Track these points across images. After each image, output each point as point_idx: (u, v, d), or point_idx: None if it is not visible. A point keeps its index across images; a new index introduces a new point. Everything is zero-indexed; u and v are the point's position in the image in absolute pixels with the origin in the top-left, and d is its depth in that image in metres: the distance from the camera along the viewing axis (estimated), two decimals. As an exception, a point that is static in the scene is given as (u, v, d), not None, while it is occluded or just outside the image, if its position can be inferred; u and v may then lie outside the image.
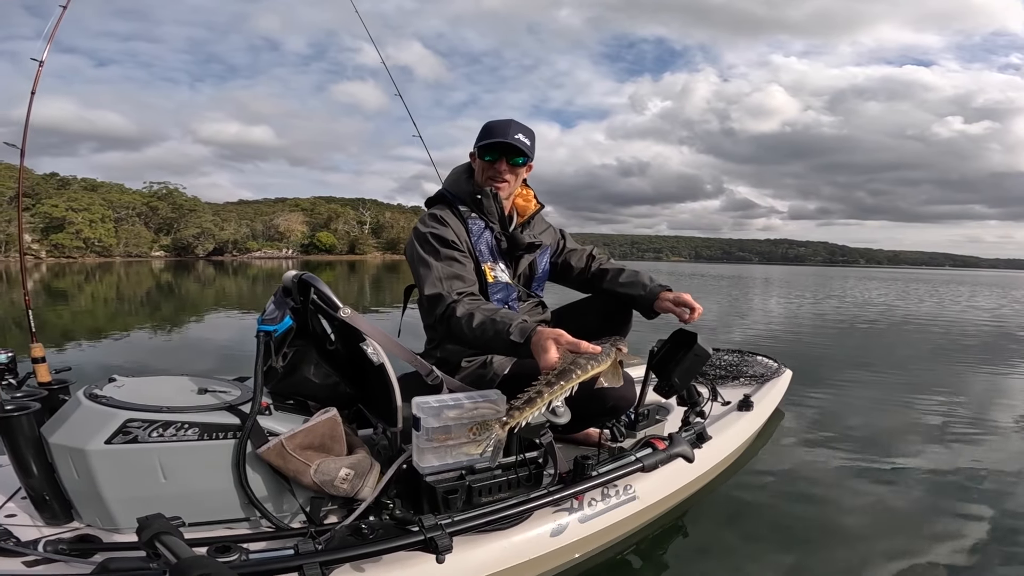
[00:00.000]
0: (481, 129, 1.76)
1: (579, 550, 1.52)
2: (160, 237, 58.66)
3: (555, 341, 1.30)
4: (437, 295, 1.55)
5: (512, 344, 1.38)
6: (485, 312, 1.46)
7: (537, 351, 1.31)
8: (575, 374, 1.24)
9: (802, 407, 3.23)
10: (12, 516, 1.28)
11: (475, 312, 1.47)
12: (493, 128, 1.71)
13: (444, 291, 1.55)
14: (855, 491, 2.12)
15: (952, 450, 2.59)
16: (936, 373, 4.56)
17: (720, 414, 2.29)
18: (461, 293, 1.54)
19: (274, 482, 1.33)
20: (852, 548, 1.71)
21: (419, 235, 1.67)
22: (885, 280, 31.11)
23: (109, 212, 52.31)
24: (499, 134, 1.69)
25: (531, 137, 1.73)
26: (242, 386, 1.51)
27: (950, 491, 2.13)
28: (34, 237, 46.05)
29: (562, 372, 1.23)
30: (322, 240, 75.13)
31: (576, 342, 1.29)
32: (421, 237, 1.66)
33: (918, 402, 3.49)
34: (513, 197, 1.82)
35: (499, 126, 1.71)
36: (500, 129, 1.70)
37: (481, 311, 1.47)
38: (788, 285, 21.08)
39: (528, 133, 1.72)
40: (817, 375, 4.18)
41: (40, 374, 1.75)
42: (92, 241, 48.90)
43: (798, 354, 5.29)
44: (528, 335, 1.36)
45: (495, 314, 1.45)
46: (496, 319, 1.43)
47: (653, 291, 1.79)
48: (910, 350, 5.90)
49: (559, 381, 1.22)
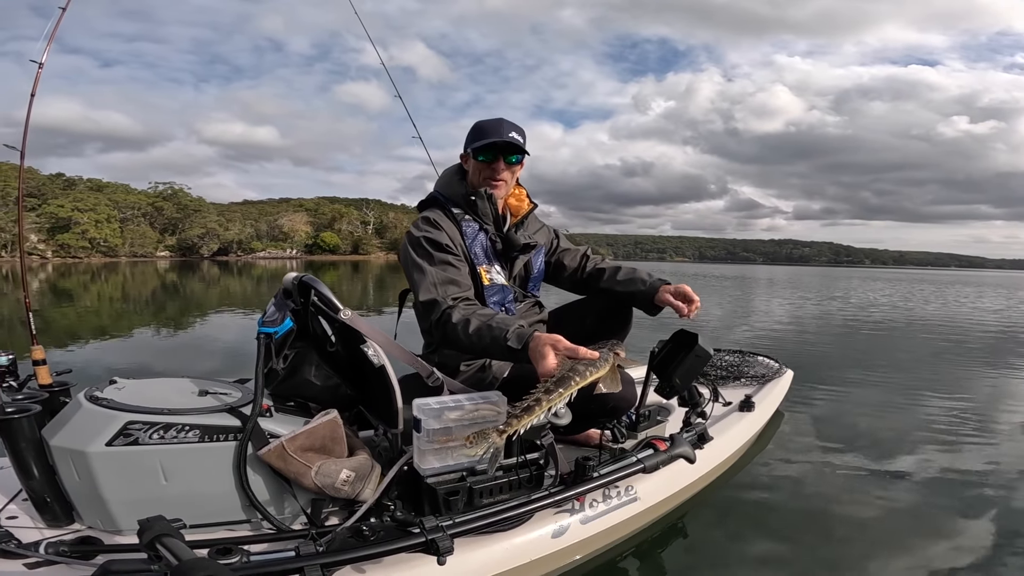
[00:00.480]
0: (472, 130, 1.74)
1: (580, 551, 1.52)
2: (165, 237, 59.11)
3: (553, 347, 1.29)
4: (432, 301, 1.54)
5: (509, 350, 1.37)
6: (481, 318, 1.45)
7: (535, 357, 1.31)
8: (573, 381, 1.24)
9: (803, 408, 3.23)
10: (13, 518, 1.28)
11: (471, 318, 1.45)
12: (486, 128, 1.70)
13: (439, 297, 1.54)
14: (856, 492, 2.12)
15: (954, 452, 2.58)
16: (939, 375, 4.55)
17: (721, 415, 2.29)
18: (456, 299, 1.53)
19: (275, 484, 1.33)
20: (853, 549, 1.70)
21: (412, 239, 1.66)
22: (890, 280, 30.95)
23: (115, 212, 52.85)
24: (494, 133, 1.68)
25: (523, 135, 1.73)
26: (243, 388, 1.51)
27: (952, 493, 2.13)
28: (40, 237, 46.52)
29: (560, 379, 1.23)
30: (326, 240, 75.36)
31: (574, 348, 1.28)
32: (414, 241, 1.65)
33: (920, 404, 3.48)
34: (506, 197, 1.82)
35: (492, 125, 1.70)
36: (494, 128, 1.69)
37: (477, 316, 1.46)
38: (791, 285, 21.06)
39: (520, 131, 1.72)
40: (819, 376, 4.18)
41: (41, 376, 1.75)
42: (98, 241, 49.43)
43: (799, 354, 5.29)
44: (525, 341, 1.35)
45: (491, 319, 1.44)
46: (492, 325, 1.42)
47: (654, 285, 1.77)
48: (913, 352, 5.88)
49: (557, 388, 1.22)
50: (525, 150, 1.71)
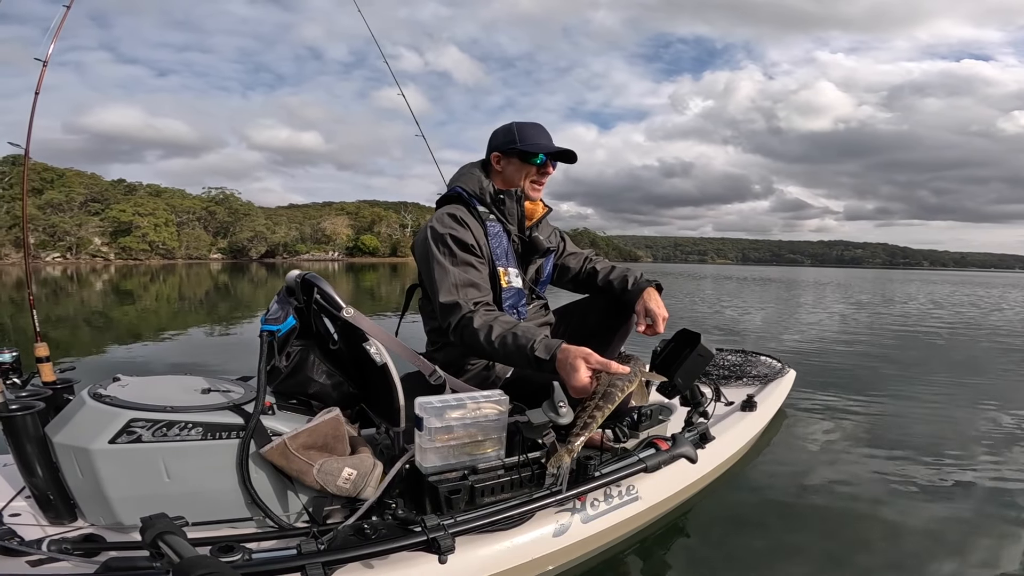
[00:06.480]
0: (510, 130, 1.73)
1: (581, 550, 1.52)
2: (217, 240, 62.11)
3: (584, 360, 1.31)
4: (453, 304, 1.53)
5: (536, 360, 1.38)
6: (503, 325, 1.46)
7: (566, 369, 1.32)
8: (616, 396, 1.31)
9: (806, 408, 3.22)
10: (16, 515, 1.28)
11: (493, 324, 1.46)
12: (534, 132, 1.73)
13: (460, 299, 1.52)
14: (858, 493, 2.11)
15: (960, 455, 2.57)
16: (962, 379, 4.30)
17: (723, 414, 2.29)
18: (477, 303, 1.53)
19: (277, 482, 1.33)
20: (854, 549, 1.70)
21: (436, 235, 1.61)
22: (936, 283, 29.26)
23: (172, 216, 56.15)
24: (545, 139, 1.73)
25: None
26: (245, 385, 1.51)
27: (954, 494, 2.12)
28: (103, 240, 49.44)
29: (605, 395, 1.31)
30: (366, 243, 78.15)
31: (606, 362, 1.32)
32: (438, 238, 1.61)
33: (939, 409, 3.42)
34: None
35: (542, 132, 1.75)
36: (547, 135, 1.75)
37: (499, 323, 1.47)
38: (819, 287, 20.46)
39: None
40: (820, 376, 4.17)
41: (44, 373, 1.76)
42: (157, 244, 52.39)
43: (801, 354, 5.27)
44: (554, 352, 1.36)
45: (514, 327, 1.45)
46: (517, 333, 1.43)
47: (640, 285, 1.79)
48: (945, 356, 5.54)
49: (606, 404, 1.30)
50: (575, 158, 1.76)
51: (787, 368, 2.99)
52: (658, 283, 1.81)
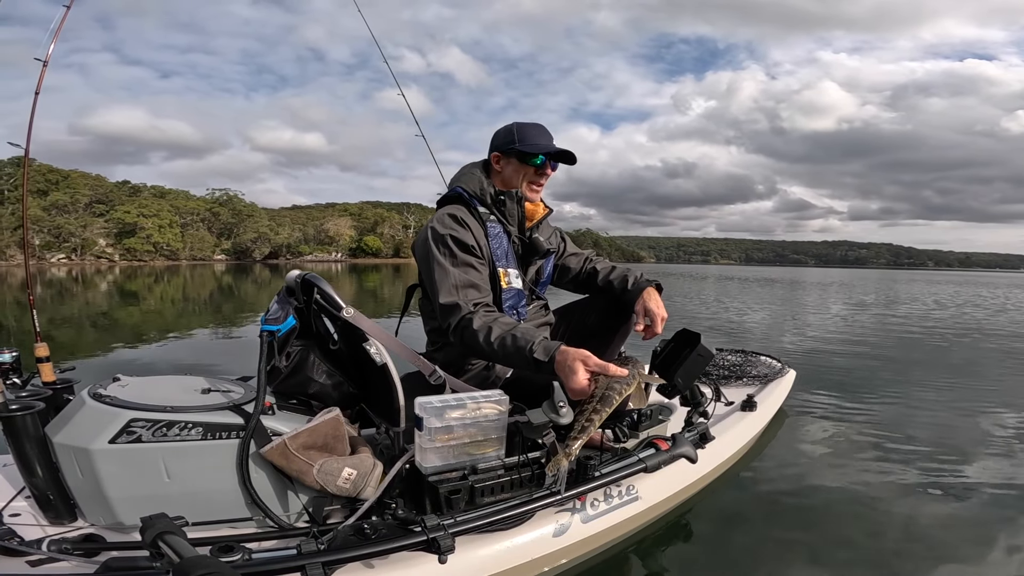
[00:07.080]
0: (510, 131, 1.73)
1: (581, 550, 1.52)
2: (221, 241, 62.26)
3: (583, 363, 1.31)
4: (453, 304, 1.53)
5: (535, 362, 1.38)
6: (503, 326, 1.46)
7: (564, 372, 1.33)
8: (614, 399, 1.31)
9: (807, 408, 3.22)
10: (16, 515, 1.28)
11: (492, 325, 1.46)
12: (535, 133, 1.72)
13: (460, 300, 1.52)
14: (858, 492, 2.11)
15: (961, 455, 2.56)
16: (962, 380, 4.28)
17: (723, 414, 2.29)
18: (477, 304, 1.53)
19: (277, 482, 1.33)
20: (854, 549, 1.70)
21: (436, 236, 1.61)
22: (939, 283, 29.01)
23: (176, 218, 56.29)
24: (545, 139, 1.73)
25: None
26: (245, 385, 1.52)
27: (955, 495, 2.12)
28: (108, 241, 49.71)
29: (603, 398, 1.30)
30: (369, 244, 78.27)
31: (604, 364, 1.32)
32: (439, 238, 1.61)
33: (938, 409, 3.41)
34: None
35: (543, 132, 1.74)
36: (547, 135, 1.74)
37: (499, 325, 1.47)
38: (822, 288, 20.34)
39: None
40: (820, 376, 4.16)
41: (44, 373, 1.76)
42: (161, 245, 52.55)
43: (801, 354, 5.27)
44: (552, 354, 1.36)
45: (514, 329, 1.45)
46: (516, 335, 1.43)
47: (640, 285, 1.79)
48: (946, 357, 5.50)
49: (603, 408, 1.29)
50: (574, 160, 1.75)
51: (787, 368, 2.99)
52: (658, 283, 1.81)
